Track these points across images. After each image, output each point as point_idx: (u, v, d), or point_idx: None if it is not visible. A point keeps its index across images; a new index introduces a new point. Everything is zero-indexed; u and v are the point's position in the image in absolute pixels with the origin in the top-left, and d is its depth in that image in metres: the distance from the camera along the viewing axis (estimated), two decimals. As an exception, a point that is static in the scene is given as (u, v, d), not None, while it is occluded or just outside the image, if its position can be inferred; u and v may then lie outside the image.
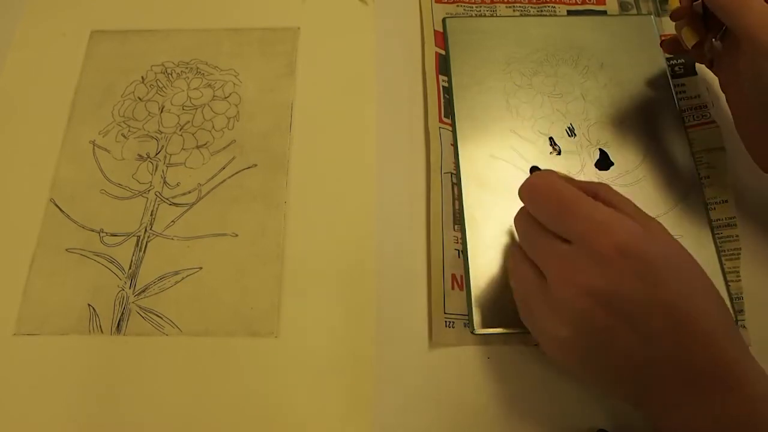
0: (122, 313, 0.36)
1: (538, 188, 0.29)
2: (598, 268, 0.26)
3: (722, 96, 0.38)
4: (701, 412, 0.26)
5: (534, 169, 0.39)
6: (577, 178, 0.39)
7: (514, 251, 0.31)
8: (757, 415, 0.25)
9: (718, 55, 0.37)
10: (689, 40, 0.37)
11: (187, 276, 0.37)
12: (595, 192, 0.30)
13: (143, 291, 0.37)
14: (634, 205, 0.29)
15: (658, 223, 0.28)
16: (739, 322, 0.35)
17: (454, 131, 0.41)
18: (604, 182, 0.31)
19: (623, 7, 0.47)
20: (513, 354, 0.35)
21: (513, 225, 0.32)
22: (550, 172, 0.30)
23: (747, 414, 0.25)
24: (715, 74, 0.38)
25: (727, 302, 0.35)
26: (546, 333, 0.29)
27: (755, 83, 0.33)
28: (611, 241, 0.26)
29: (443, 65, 0.44)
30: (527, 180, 0.30)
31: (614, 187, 0.30)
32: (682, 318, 0.25)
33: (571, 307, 0.26)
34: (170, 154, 0.41)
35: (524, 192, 0.30)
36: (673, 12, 0.36)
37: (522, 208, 0.31)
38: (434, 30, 0.45)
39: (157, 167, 0.41)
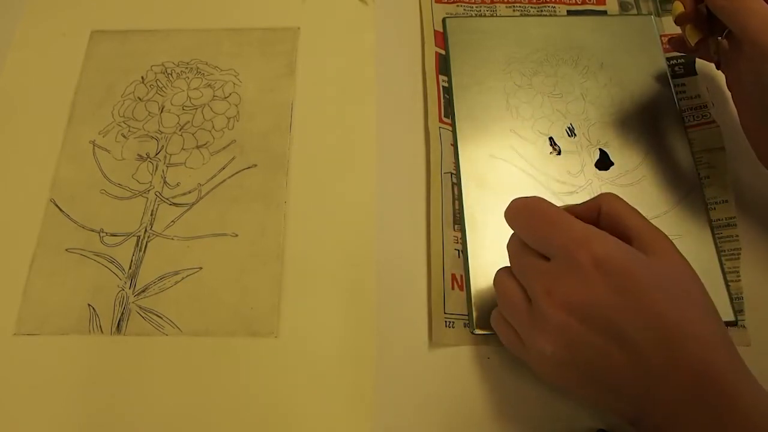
0: (122, 313, 0.36)
1: (520, 207, 0.30)
2: (576, 282, 0.26)
3: (723, 95, 0.38)
4: (697, 429, 0.25)
5: None
6: (576, 178, 0.39)
7: (501, 273, 0.31)
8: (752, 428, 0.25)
9: (724, 53, 0.37)
10: (692, 38, 0.37)
11: (187, 276, 0.37)
12: (598, 206, 0.29)
13: (143, 291, 0.37)
14: (641, 217, 0.29)
15: (664, 236, 0.28)
16: (739, 322, 0.35)
17: (454, 131, 0.41)
18: (608, 192, 0.30)
19: (623, 7, 0.47)
20: (513, 354, 0.35)
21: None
22: (536, 197, 0.30)
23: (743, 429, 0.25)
24: (722, 72, 0.38)
25: (727, 302, 0.35)
26: (533, 352, 0.29)
27: (757, 84, 0.33)
28: (588, 253, 0.26)
29: (443, 65, 0.44)
30: (512, 201, 0.30)
31: (614, 188, 0.30)
32: (669, 331, 0.25)
33: (553, 321, 0.26)
34: (170, 154, 0.41)
35: (508, 212, 0.30)
36: (678, 17, 0.36)
37: (513, 233, 0.31)
38: (434, 30, 0.45)
39: (157, 167, 0.41)
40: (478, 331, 0.35)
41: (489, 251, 0.37)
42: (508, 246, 0.31)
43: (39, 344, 0.36)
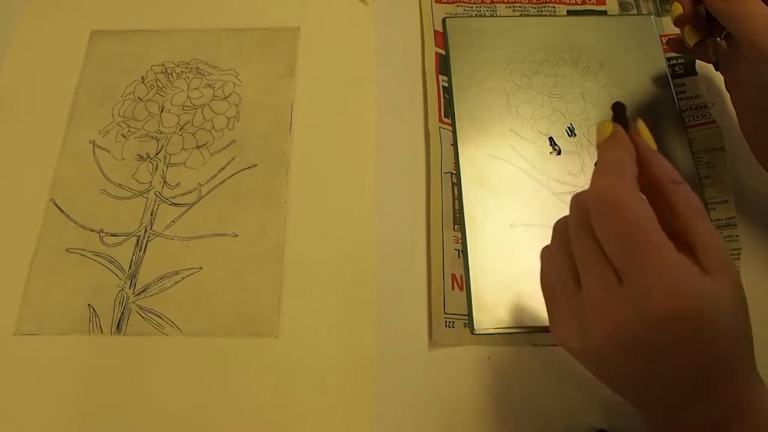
0: (122, 313, 0.36)
1: (610, 207, 0.25)
2: (639, 322, 0.24)
3: (723, 95, 0.38)
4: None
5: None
6: (576, 178, 0.39)
7: (561, 233, 0.28)
8: None
9: (723, 54, 0.37)
10: (690, 40, 0.37)
11: (187, 276, 0.37)
12: (668, 195, 0.26)
13: (143, 291, 0.37)
14: (708, 224, 0.26)
15: (726, 252, 0.25)
16: (739, 322, 0.35)
17: (454, 131, 0.41)
18: (686, 187, 0.26)
19: (623, 7, 0.47)
20: (513, 354, 0.35)
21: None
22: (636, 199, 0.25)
23: None
24: (721, 74, 0.38)
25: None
26: (558, 331, 0.28)
27: (756, 86, 0.34)
28: (665, 306, 0.23)
29: (443, 65, 0.44)
30: (596, 187, 0.26)
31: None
32: (711, 372, 0.24)
33: (594, 340, 0.25)
34: (170, 154, 0.41)
35: (595, 205, 0.25)
36: (677, 18, 0.36)
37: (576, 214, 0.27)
38: (434, 30, 0.45)
39: (157, 167, 0.41)
40: (478, 331, 0.35)
41: (489, 251, 0.37)
42: (571, 225, 0.27)
43: (39, 344, 0.36)
